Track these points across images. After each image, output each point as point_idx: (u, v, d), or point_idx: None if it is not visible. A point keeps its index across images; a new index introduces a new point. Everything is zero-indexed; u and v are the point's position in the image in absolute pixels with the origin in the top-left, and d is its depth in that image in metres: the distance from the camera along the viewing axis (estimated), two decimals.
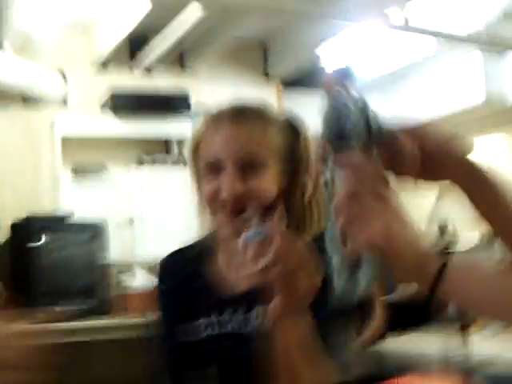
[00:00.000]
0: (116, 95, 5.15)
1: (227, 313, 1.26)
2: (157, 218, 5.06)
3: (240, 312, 1.25)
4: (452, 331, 3.53)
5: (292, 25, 5.47)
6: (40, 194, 4.92)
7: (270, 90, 5.88)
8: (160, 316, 1.36)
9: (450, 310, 3.43)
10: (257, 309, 1.12)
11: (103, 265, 4.64)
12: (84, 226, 4.61)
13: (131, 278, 4.79)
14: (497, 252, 0.93)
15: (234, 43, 5.42)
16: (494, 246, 0.96)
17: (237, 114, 1.27)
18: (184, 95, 5.32)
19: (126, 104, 5.16)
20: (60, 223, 4.59)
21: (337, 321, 1.21)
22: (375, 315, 3.60)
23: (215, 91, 5.15)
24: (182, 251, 1.39)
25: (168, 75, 5.48)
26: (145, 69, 5.38)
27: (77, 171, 5.05)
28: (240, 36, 5.36)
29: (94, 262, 4.58)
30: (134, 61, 5.36)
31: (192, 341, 1.28)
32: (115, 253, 4.79)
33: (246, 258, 1.04)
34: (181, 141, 5.39)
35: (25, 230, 4.44)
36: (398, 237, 0.78)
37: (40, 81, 4.96)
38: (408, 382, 3.27)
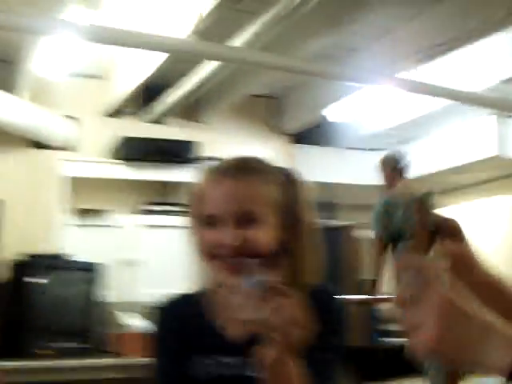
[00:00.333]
0: (125, 142, 5.27)
1: (227, 356, 1.29)
2: (157, 261, 5.11)
3: (239, 356, 1.27)
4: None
5: (304, 83, 5.56)
6: (44, 234, 4.97)
7: (280, 145, 5.97)
8: (159, 358, 1.37)
9: None
10: (254, 354, 1.15)
11: (101, 304, 4.69)
12: (84, 266, 4.68)
13: (128, 319, 4.82)
14: None
15: (246, 98, 5.52)
16: None
17: (237, 169, 1.31)
18: (190, 144, 5.42)
19: (134, 150, 5.29)
20: (61, 263, 4.66)
21: (330, 367, 1.27)
22: None
23: (224, 143, 5.23)
24: (182, 296, 1.42)
25: (178, 125, 5.58)
26: (156, 118, 5.48)
27: (82, 213, 5.13)
28: (252, 91, 5.46)
29: (92, 302, 4.63)
30: (146, 109, 5.45)
31: (192, 383, 1.30)
32: (114, 293, 4.85)
33: (244, 305, 1.08)
34: (185, 187, 5.44)
35: (27, 268, 4.51)
36: (459, 341, 0.73)
37: (52, 126, 5.08)
38: None
